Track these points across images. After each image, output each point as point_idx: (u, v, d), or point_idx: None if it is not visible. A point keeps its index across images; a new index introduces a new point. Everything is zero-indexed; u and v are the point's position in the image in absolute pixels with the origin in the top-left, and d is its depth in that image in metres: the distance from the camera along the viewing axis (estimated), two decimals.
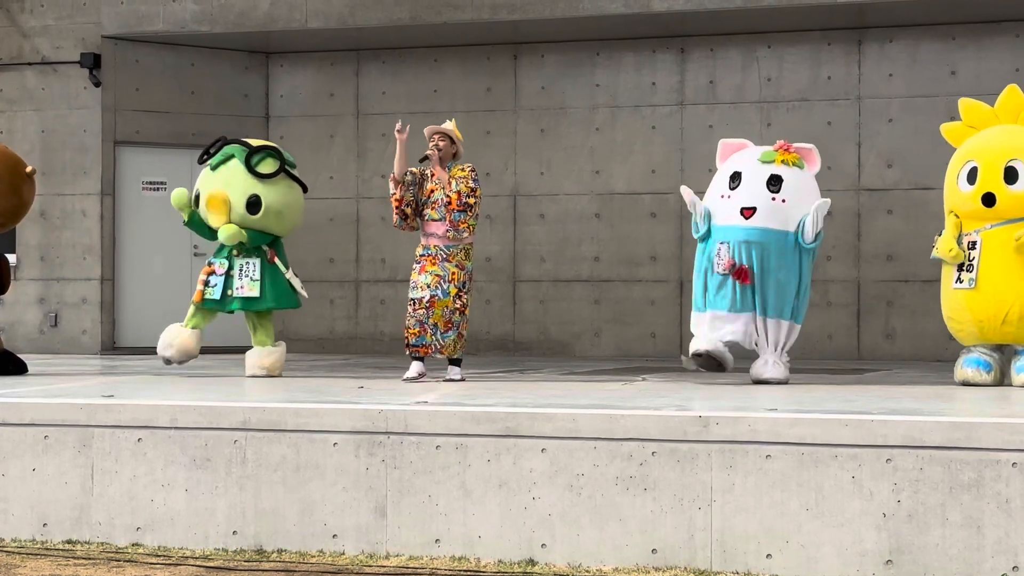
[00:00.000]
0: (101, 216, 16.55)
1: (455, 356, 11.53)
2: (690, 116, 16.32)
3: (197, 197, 12.29)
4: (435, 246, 11.47)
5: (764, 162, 11.20)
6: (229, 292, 12.09)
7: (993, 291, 10.81)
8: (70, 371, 12.90)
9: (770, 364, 11.15)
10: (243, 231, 12.03)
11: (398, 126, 11.54)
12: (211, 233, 12.28)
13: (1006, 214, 10.84)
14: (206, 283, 12.13)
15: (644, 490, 8.00)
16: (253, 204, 12.10)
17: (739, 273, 11.04)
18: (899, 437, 7.69)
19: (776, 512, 7.81)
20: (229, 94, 17.23)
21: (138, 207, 16.68)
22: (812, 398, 9.58)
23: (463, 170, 11.54)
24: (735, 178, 11.21)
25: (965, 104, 11.26)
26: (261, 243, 12.16)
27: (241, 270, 12.09)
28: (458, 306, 11.44)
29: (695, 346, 11.18)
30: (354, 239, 17.30)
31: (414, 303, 11.42)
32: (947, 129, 11.30)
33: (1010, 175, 10.79)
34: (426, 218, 11.52)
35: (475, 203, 11.50)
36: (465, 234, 11.48)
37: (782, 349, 11.21)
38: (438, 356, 11.51)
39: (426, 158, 11.58)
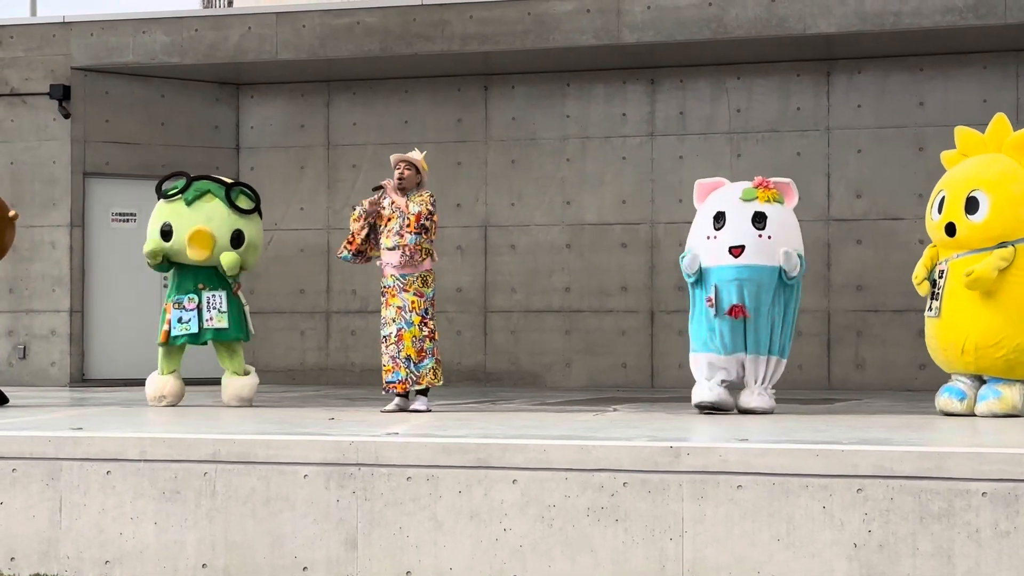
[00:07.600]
0: (70, 248, 16.49)
1: (436, 383, 11.53)
2: (660, 147, 16.36)
3: (166, 232, 12.34)
4: (391, 276, 11.44)
5: (746, 200, 11.25)
6: (201, 325, 12.33)
7: (953, 320, 10.84)
8: (39, 403, 12.83)
9: (755, 394, 11.23)
10: (239, 258, 12.32)
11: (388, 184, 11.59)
12: (170, 267, 12.49)
13: (967, 244, 10.86)
14: (179, 319, 12.24)
15: (615, 521, 7.98)
16: (236, 239, 12.38)
17: (733, 310, 11.06)
18: (870, 467, 7.70)
19: (747, 542, 7.81)
20: (199, 125, 17.21)
21: (107, 239, 16.62)
22: (782, 428, 9.58)
23: (422, 195, 11.50)
24: (719, 218, 11.24)
25: (960, 132, 11.21)
26: (228, 276, 12.40)
27: (208, 303, 12.32)
28: (426, 333, 11.42)
29: (699, 397, 11.21)
30: (325, 270, 17.27)
31: (384, 339, 11.46)
32: (945, 157, 11.28)
33: (971, 205, 10.82)
34: (382, 247, 11.51)
35: (431, 227, 11.40)
36: (418, 258, 11.38)
37: (769, 382, 11.29)
38: (416, 388, 11.47)
39: (380, 187, 11.57)
